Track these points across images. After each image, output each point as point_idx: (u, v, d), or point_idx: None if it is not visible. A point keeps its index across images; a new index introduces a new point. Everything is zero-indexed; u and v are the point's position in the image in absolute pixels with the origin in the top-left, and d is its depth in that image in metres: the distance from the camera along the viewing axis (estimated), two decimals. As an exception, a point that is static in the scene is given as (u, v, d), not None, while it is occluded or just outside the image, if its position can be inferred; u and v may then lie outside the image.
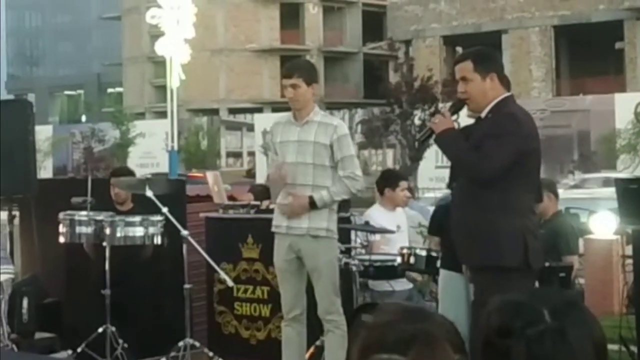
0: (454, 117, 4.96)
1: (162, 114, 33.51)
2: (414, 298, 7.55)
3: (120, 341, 6.55)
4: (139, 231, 6.61)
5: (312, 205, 5.65)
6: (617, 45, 42.46)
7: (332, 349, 5.79)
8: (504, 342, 1.83)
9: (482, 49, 5.26)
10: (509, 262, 4.64)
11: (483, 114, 4.84)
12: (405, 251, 6.50)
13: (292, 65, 6.09)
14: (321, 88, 45.03)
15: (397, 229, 7.51)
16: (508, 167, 4.66)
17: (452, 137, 4.85)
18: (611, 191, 7.70)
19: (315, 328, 6.06)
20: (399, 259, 6.56)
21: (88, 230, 6.65)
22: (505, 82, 4.91)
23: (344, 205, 6.28)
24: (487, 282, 4.75)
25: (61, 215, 6.73)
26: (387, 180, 7.77)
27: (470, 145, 4.77)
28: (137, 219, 6.61)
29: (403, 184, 7.68)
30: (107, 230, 6.53)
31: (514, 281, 4.51)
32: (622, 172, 31.01)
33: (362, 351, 1.75)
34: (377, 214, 7.61)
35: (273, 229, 5.93)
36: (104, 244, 6.56)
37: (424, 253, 6.38)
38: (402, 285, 7.29)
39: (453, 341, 1.75)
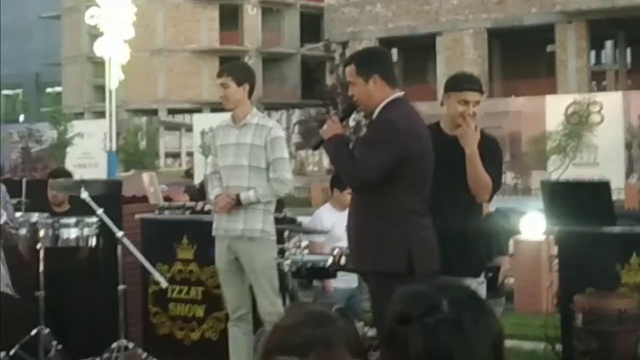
0: (352, 120, 5.01)
1: (101, 114, 33.14)
2: (356, 296, 7.65)
3: (54, 342, 6.55)
4: (73, 233, 6.61)
5: (238, 202, 5.74)
6: (549, 48, 43.24)
7: None
8: (402, 329, 1.85)
9: (365, 51, 5.23)
10: (390, 267, 4.56)
11: (374, 117, 4.79)
12: (336, 251, 6.51)
13: (225, 65, 6.17)
14: (259, 89, 44.96)
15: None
16: (386, 173, 4.56)
17: (335, 144, 4.78)
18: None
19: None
20: (330, 260, 6.59)
21: (22, 231, 6.63)
22: (391, 81, 4.74)
23: (277, 205, 6.35)
24: (374, 286, 4.81)
25: (-2, 216, 6.69)
26: (338, 182, 7.82)
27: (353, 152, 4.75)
28: (72, 220, 6.61)
29: None
30: (42, 232, 6.53)
31: (399, 286, 4.41)
32: (553, 173, 31.59)
33: (265, 352, 1.80)
34: (326, 214, 7.67)
35: (213, 232, 5.99)
36: (39, 245, 6.56)
37: (355, 253, 6.41)
38: (346, 283, 7.36)
39: (353, 346, 1.80)
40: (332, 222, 7.56)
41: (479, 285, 5.04)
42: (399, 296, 1.91)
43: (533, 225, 10.46)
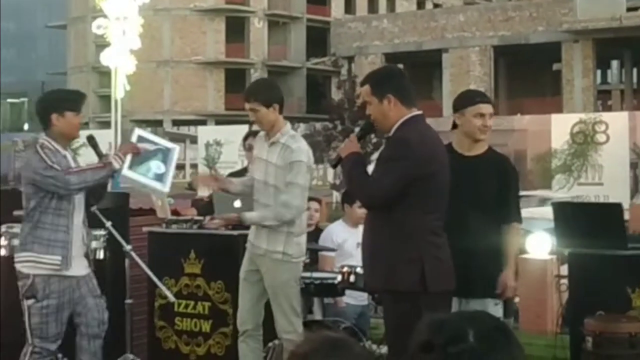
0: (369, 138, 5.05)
1: (106, 124, 33.23)
2: (365, 315, 7.63)
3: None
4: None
5: (239, 222, 5.81)
6: (555, 66, 43.33)
7: None
8: (424, 357, 1.83)
9: (380, 70, 5.22)
10: (403, 286, 4.56)
11: (390, 135, 4.81)
12: (345, 269, 6.52)
13: (250, 88, 6.06)
14: (303, 104, 44.71)
15: (358, 245, 7.55)
16: (401, 192, 4.58)
17: (352, 162, 4.81)
18: (546, 210, 7.83)
19: None
20: (339, 277, 6.59)
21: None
22: (407, 100, 4.75)
23: None
24: (387, 304, 4.82)
25: (2, 228, 6.68)
26: (347, 197, 7.81)
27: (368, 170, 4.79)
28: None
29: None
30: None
31: (411, 304, 4.43)
32: (558, 192, 31.56)
33: None
34: (337, 230, 7.67)
35: (247, 244, 6.00)
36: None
37: (362, 272, 6.40)
38: (357, 300, 7.34)
39: None
40: (343, 237, 7.55)
41: (495, 306, 5.04)
42: (425, 324, 1.88)
43: (539, 245, 10.45)
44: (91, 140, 5.99)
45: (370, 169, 4.83)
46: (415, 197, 4.60)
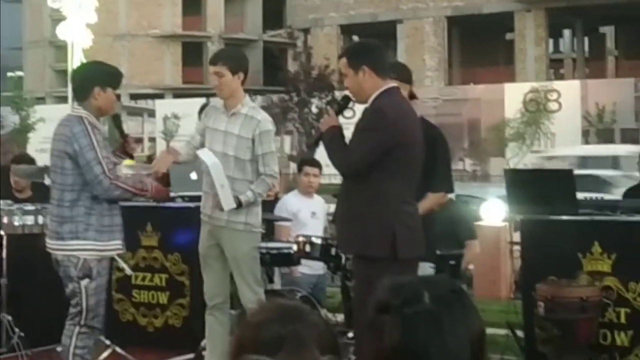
0: (348, 114, 5.11)
1: (63, 99, 32.89)
2: (321, 284, 7.67)
3: (17, 330, 6.51)
4: (36, 220, 6.55)
5: (239, 205, 5.65)
6: (508, 36, 43.56)
7: None
8: (381, 318, 1.85)
9: (356, 44, 5.39)
10: (375, 252, 4.70)
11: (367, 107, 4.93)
12: (300, 239, 6.55)
13: (219, 52, 6.03)
14: (259, 77, 44.66)
15: (312, 215, 7.60)
16: (375, 160, 4.70)
17: (330, 135, 4.94)
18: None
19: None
20: (294, 247, 6.61)
21: (-16, 219, 6.54)
22: (382, 72, 4.85)
23: None
24: (358, 270, 4.95)
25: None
26: (298, 166, 7.84)
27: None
28: (35, 207, 6.55)
29: (306, 168, 7.69)
30: (5, 219, 6.46)
31: (381, 270, 4.38)
32: (511, 160, 31.87)
33: (236, 350, 1.78)
34: (292, 200, 7.68)
35: (201, 215, 5.94)
36: (1, 232, 6.49)
37: (319, 241, 6.44)
38: (312, 269, 7.39)
39: (324, 342, 1.78)
40: (297, 207, 7.58)
41: (429, 269, 5.23)
42: (382, 286, 1.92)
43: (493, 212, 10.59)
44: (116, 120, 5.85)
45: None
46: (388, 166, 4.72)
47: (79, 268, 5.30)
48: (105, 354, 6.54)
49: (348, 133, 4.93)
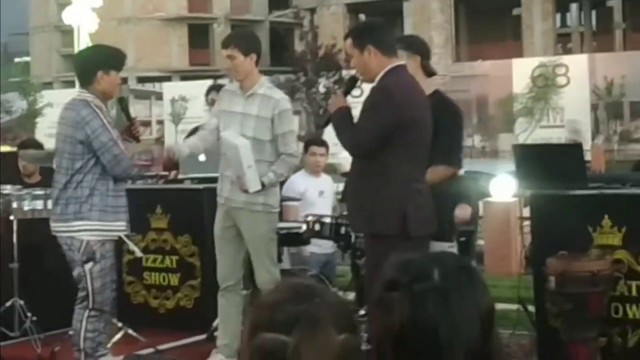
0: (356, 92, 5.11)
1: (71, 84, 32.91)
2: (331, 263, 7.68)
3: (29, 314, 6.54)
4: (46, 204, 6.56)
5: (262, 186, 5.62)
6: (515, 11, 43.36)
7: None
8: (390, 295, 1.84)
9: (361, 23, 5.39)
10: (385, 230, 4.72)
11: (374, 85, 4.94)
12: (310, 218, 6.56)
13: (230, 35, 6.02)
14: (266, 58, 44.68)
15: (320, 194, 7.60)
16: (383, 138, 4.71)
17: (339, 115, 4.95)
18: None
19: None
20: (304, 227, 6.62)
21: (-5, 204, 6.56)
22: (387, 51, 4.86)
23: None
24: (369, 248, 4.96)
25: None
26: (303, 146, 7.85)
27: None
28: (44, 192, 6.57)
29: (313, 148, 7.69)
30: (14, 204, 6.47)
31: (392, 248, 4.49)
32: (520, 136, 31.80)
33: (251, 329, 1.79)
34: (299, 179, 7.68)
35: (217, 198, 5.92)
36: (11, 217, 6.51)
37: (328, 220, 6.45)
38: (322, 249, 7.39)
39: (340, 321, 1.78)
40: (304, 186, 7.59)
41: (449, 249, 5.14)
42: (391, 263, 1.91)
43: (502, 188, 10.56)
44: (122, 103, 5.84)
45: None
46: (397, 143, 4.73)
47: (82, 252, 5.32)
48: (117, 336, 6.57)
49: (356, 112, 4.93)
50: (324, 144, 7.68)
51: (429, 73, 5.43)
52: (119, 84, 5.59)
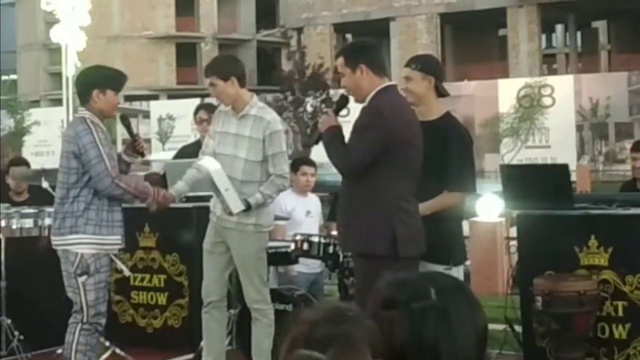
0: (343, 112, 5.12)
1: (58, 102, 32.83)
2: (318, 282, 7.69)
3: (17, 333, 6.53)
4: (34, 222, 6.57)
5: (248, 207, 5.65)
6: (500, 32, 43.61)
7: (258, 337, 5.85)
8: (388, 314, 1.89)
9: (353, 43, 5.40)
10: (375, 250, 4.72)
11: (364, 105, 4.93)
12: (298, 237, 6.56)
13: (208, 65, 6.00)
14: (253, 77, 44.76)
15: (307, 214, 7.62)
16: (374, 159, 4.72)
17: (330, 135, 4.93)
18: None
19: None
20: (292, 246, 6.63)
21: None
22: (379, 71, 4.88)
23: None
24: (359, 268, 4.96)
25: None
26: (292, 165, 7.87)
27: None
28: (33, 210, 6.57)
29: (304, 168, 7.70)
30: (3, 222, 6.47)
31: (382, 268, 4.49)
32: (505, 156, 31.91)
33: (290, 344, 1.81)
34: (287, 199, 7.68)
35: (210, 215, 5.94)
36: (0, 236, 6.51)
37: (316, 239, 6.45)
38: (309, 268, 7.41)
39: (375, 347, 1.81)
40: (292, 206, 7.60)
41: (444, 271, 5.12)
42: (384, 282, 1.94)
43: (488, 208, 10.61)
44: (124, 121, 5.88)
45: None
46: (387, 163, 4.73)
47: (76, 265, 5.36)
48: (105, 355, 6.55)
49: (344, 131, 4.95)
50: (313, 163, 7.71)
51: (441, 94, 5.42)
52: (116, 104, 5.61)
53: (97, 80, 5.54)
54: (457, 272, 5.17)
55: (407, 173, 4.83)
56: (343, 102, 5.14)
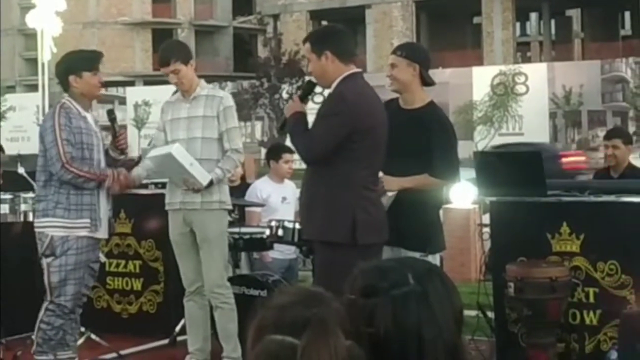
0: (318, 99, 5.13)
1: (34, 87, 32.64)
2: (293, 268, 7.73)
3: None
4: (9, 208, 6.56)
5: (210, 184, 5.68)
6: (475, 20, 43.72)
7: (223, 322, 5.86)
8: (369, 301, 1.90)
9: (320, 29, 5.34)
10: (333, 237, 4.71)
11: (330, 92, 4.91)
12: (273, 224, 6.58)
13: (165, 51, 5.99)
14: (230, 63, 44.64)
15: (283, 200, 7.65)
16: (337, 146, 4.68)
17: (294, 120, 4.92)
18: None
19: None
20: (267, 232, 6.65)
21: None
22: (344, 57, 4.84)
23: None
24: (319, 255, 4.97)
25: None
26: (271, 153, 7.90)
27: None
28: (8, 196, 6.56)
29: (286, 156, 7.73)
30: (-22, 208, 6.47)
31: (341, 255, 4.54)
32: (479, 143, 32.05)
33: (257, 331, 1.81)
34: (262, 185, 7.73)
35: (166, 207, 5.94)
36: (-25, 222, 6.50)
37: (291, 225, 6.47)
38: (284, 254, 7.44)
39: (346, 328, 1.82)
40: (267, 192, 7.64)
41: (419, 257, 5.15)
42: (360, 270, 1.96)
43: (462, 195, 10.66)
44: (110, 115, 5.83)
45: None
46: (349, 151, 4.71)
47: (45, 246, 5.42)
48: (80, 341, 6.55)
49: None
50: (293, 151, 7.76)
51: (426, 83, 5.43)
52: (98, 83, 5.61)
53: (71, 65, 5.57)
54: (434, 260, 5.19)
55: (369, 160, 4.80)
56: (309, 87, 5.13)
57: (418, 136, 5.16)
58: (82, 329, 6.52)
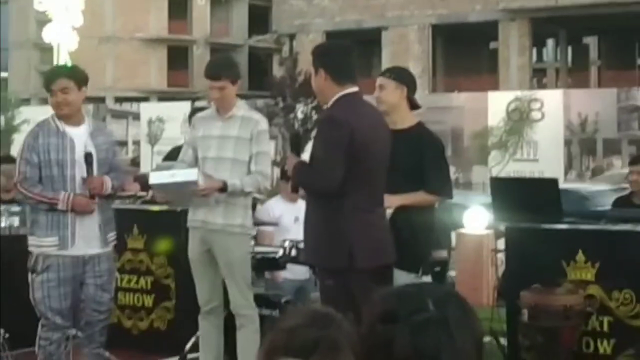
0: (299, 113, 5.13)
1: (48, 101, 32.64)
2: (305, 289, 7.69)
3: (1, 331, 6.49)
4: (20, 221, 6.56)
5: (223, 189, 5.60)
6: (492, 45, 43.74)
7: (245, 344, 5.79)
8: (388, 328, 1.86)
9: (322, 44, 5.30)
10: (332, 263, 4.68)
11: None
12: (287, 244, 6.58)
13: (217, 66, 5.88)
14: (244, 82, 44.86)
15: (295, 220, 7.62)
16: (343, 162, 4.57)
17: (297, 169, 4.86)
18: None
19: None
20: (280, 251, 6.63)
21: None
22: (339, 77, 4.72)
23: None
24: (320, 280, 4.94)
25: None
26: (285, 172, 7.87)
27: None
28: (18, 208, 6.56)
29: None
30: (-7, 220, 6.48)
31: (342, 281, 4.54)
32: (493, 168, 31.97)
33: (267, 353, 1.79)
34: (274, 205, 7.71)
35: (188, 223, 5.88)
36: (-12, 234, 6.50)
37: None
38: (296, 274, 7.40)
39: (356, 350, 1.80)
40: (280, 212, 7.61)
41: (414, 280, 5.10)
42: (380, 296, 1.93)
43: (475, 219, 10.64)
44: (88, 158, 5.76)
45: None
46: (345, 174, 4.61)
47: (31, 262, 5.53)
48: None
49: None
50: None
51: (413, 106, 5.44)
52: (55, 103, 5.56)
53: (44, 85, 5.66)
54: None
55: (367, 182, 4.69)
56: (296, 139, 5.21)
57: (409, 155, 5.16)
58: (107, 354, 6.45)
